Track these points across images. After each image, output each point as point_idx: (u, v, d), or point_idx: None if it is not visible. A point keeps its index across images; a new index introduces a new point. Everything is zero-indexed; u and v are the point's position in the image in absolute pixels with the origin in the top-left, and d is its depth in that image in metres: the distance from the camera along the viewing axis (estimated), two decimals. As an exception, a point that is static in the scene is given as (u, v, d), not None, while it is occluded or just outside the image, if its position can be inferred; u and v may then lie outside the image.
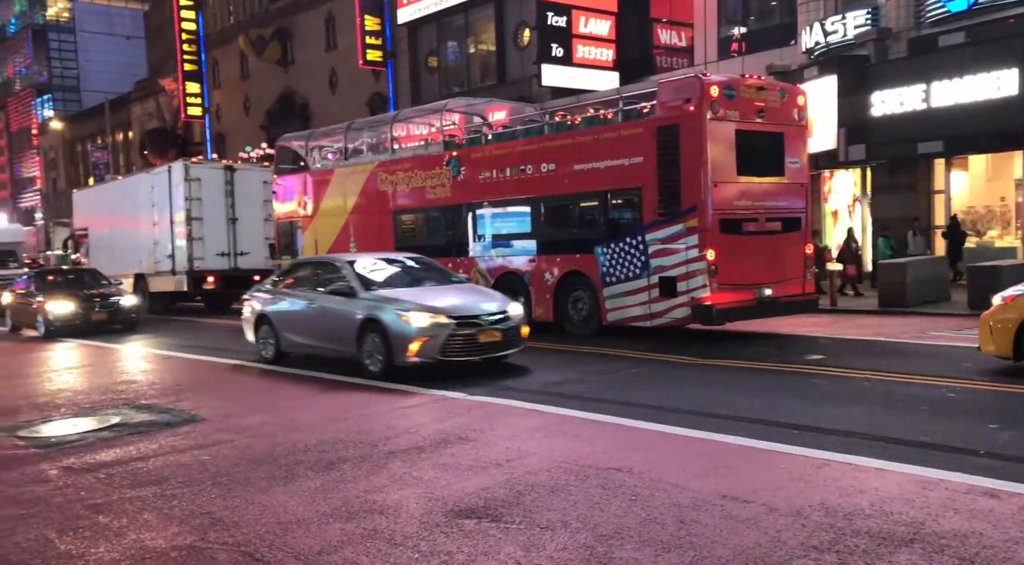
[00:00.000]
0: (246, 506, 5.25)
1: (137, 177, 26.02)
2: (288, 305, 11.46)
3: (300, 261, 12.65)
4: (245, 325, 12.32)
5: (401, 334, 9.48)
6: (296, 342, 11.28)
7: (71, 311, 17.43)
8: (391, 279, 10.95)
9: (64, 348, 15.56)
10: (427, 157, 16.09)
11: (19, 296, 19.14)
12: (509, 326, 9.96)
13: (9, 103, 66.50)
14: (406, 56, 31.09)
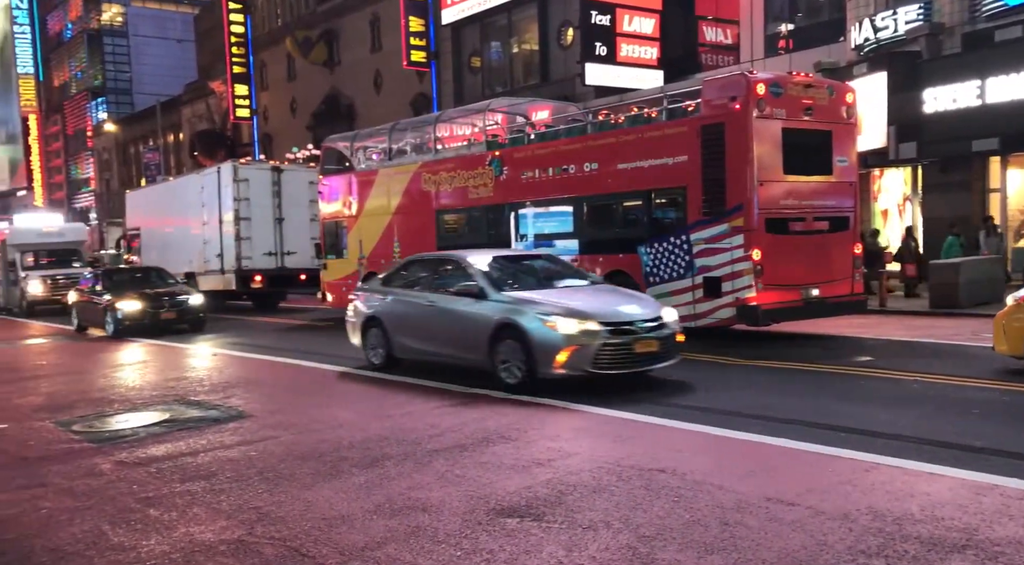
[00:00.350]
0: (292, 501, 5.33)
1: (187, 178, 26.57)
2: (403, 306, 10.39)
3: (414, 258, 11.56)
4: (350, 328, 11.32)
5: (546, 342, 8.38)
6: (412, 347, 10.26)
7: (140, 310, 17.11)
8: (522, 278, 9.98)
9: (134, 348, 15.41)
10: (470, 157, 16.15)
11: (86, 295, 18.83)
12: (665, 334, 8.73)
13: (65, 106, 68.38)
14: (449, 57, 31.25)
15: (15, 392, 10.80)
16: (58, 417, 8.73)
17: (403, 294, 10.53)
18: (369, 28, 35.57)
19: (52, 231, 28.33)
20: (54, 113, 70.59)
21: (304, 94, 40.00)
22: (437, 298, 9.91)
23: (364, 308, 11.04)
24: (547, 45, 27.66)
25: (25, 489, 6.03)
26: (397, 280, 10.94)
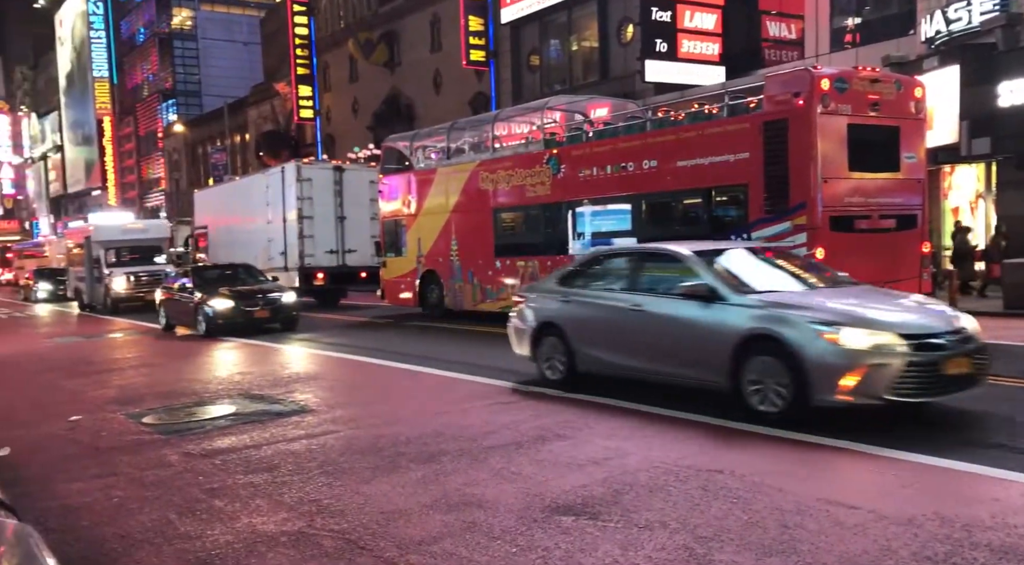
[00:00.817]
0: (351, 495, 5.42)
1: (253, 177, 27.21)
2: (592, 311, 8.56)
3: (605, 251, 9.63)
4: (515, 336, 9.51)
5: (825, 360, 6.51)
6: (605, 361, 8.39)
7: (232, 308, 16.36)
8: (763, 277, 8.03)
9: (228, 348, 14.72)
10: (527, 155, 16.17)
11: (174, 292, 18.27)
12: (974, 348, 6.82)
13: (138, 108, 70.62)
14: (508, 55, 31.32)
15: (90, 385, 11.22)
16: (129, 409, 9.03)
17: (592, 295, 8.68)
18: (429, 28, 35.87)
19: (136, 228, 28.21)
20: (127, 115, 72.99)
21: (365, 95, 40.56)
22: (645, 301, 8.07)
23: (536, 312, 9.23)
24: (607, 42, 27.50)
25: (98, 478, 6.26)
26: (581, 278, 9.12)
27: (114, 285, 25.13)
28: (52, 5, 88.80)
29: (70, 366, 13.54)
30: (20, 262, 55.05)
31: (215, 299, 16.48)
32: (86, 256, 26.96)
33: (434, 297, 18.41)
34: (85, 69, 76.99)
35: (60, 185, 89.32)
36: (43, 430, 8.30)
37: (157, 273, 24.56)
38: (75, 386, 11.23)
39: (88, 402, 9.79)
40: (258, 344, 14.96)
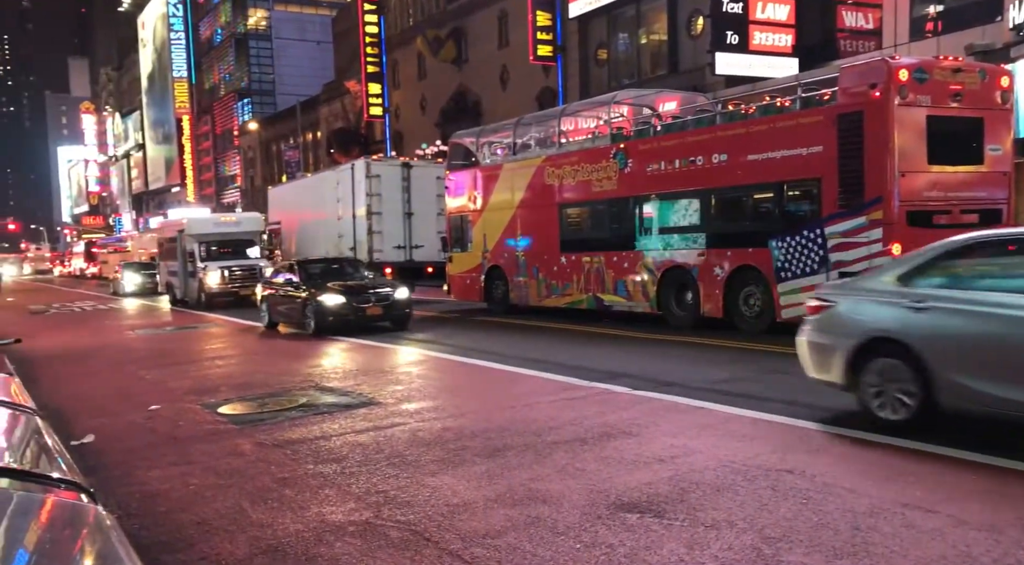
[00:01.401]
0: (416, 487, 5.49)
1: (324, 174, 27.75)
2: (975, 322, 5.84)
3: (980, 238, 6.69)
4: (816, 354, 7.00)
5: None
6: (998, 397, 5.70)
7: (343, 304, 15.19)
8: None
9: (340, 349, 13.56)
10: (594, 150, 16.08)
11: (278, 287, 17.16)
12: None
13: (215, 107, 72.75)
14: (576, 50, 31.18)
15: (168, 376, 11.62)
16: (205, 400, 9.32)
17: (975, 300, 5.95)
18: (497, 24, 35.96)
19: (229, 221, 27.15)
20: (204, 114, 75.26)
21: (433, 92, 40.91)
22: None
23: (858, 323, 6.66)
24: (676, 35, 27.13)
25: (175, 466, 6.48)
26: (941, 274, 6.43)
27: (208, 279, 24.23)
28: (135, 8, 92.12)
29: (171, 361, 14.03)
30: (104, 256, 57.35)
31: (325, 295, 15.30)
32: (179, 250, 26.42)
33: (499, 292, 18.50)
34: (165, 70, 79.65)
35: (142, 182, 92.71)
36: (125, 419, 8.63)
37: (251, 267, 24.16)
38: (170, 376, 11.64)
39: (167, 392, 10.14)
40: (367, 343, 13.88)
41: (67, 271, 72.41)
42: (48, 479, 1.13)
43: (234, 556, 4.46)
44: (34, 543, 0.85)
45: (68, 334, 19.09)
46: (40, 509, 0.94)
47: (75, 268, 68.32)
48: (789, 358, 10.42)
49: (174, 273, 27.28)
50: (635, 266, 14.87)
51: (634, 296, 14.95)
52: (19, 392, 1.79)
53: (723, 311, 13.35)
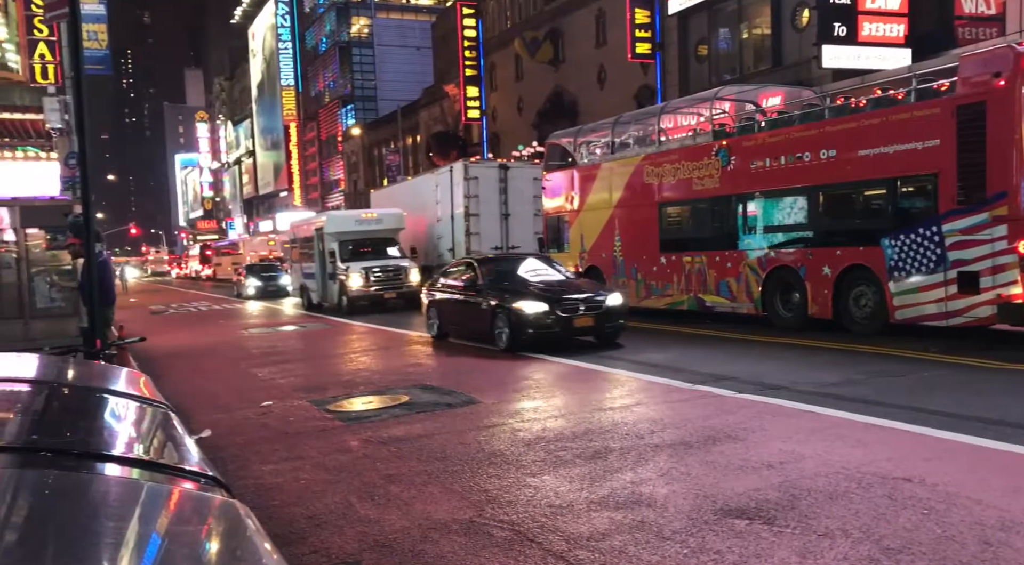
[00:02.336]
0: (518, 487, 5.50)
1: (423, 177, 28.25)
2: None
3: None
4: None
5: None
6: None
7: (544, 313, 11.98)
8: None
9: (545, 369, 12.28)
10: (695, 147, 15.80)
11: (453, 291, 14.26)
12: None
13: (320, 114, 75.14)
14: (675, 47, 30.71)
15: (278, 374, 12.05)
16: (313, 397, 9.62)
17: None
18: (594, 23, 35.81)
19: (370, 218, 24.42)
20: (310, 121, 77.84)
21: (530, 93, 41.07)
22: None
23: None
24: (780, 28, 26.37)
25: (287, 461, 6.71)
26: None
27: (350, 282, 21.99)
28: (246, 20, 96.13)
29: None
30: (218, 259, 60.07)
31: (523, 301, 12.18)
32: (316, 250, 24.46)
33: (598, 293, 18.37)
34: (274, 79, 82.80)
35: (252, 187, 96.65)
36: (240, 414, 8.99)
37: (395, 268, 22.27)
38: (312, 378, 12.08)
39: (277, 389, 10.51)
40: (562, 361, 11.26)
41: (183, 273, 76.21)
42: (187, 472, 1.17)
43: (344, 550, 4.57)
44: (179, 535, 0.89)
45: (186, 333, 20.06)
46: (183, 502, 0.98)
47: (191, 270, 71.84)
48: (902, 361, 9.96)
49: (310, 275, 25.37)
50: (738, 266, 14.52)
51: (737, 297, 14.60)
52: (149, 387, 1.88)
53: (831, 312, 12.88)
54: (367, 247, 23.27)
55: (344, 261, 22.65)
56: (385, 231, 24.04)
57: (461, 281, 14.19)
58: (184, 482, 1.09)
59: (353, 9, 68.35)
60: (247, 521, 0.96)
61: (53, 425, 1.35)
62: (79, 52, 5.96)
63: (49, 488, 0.96)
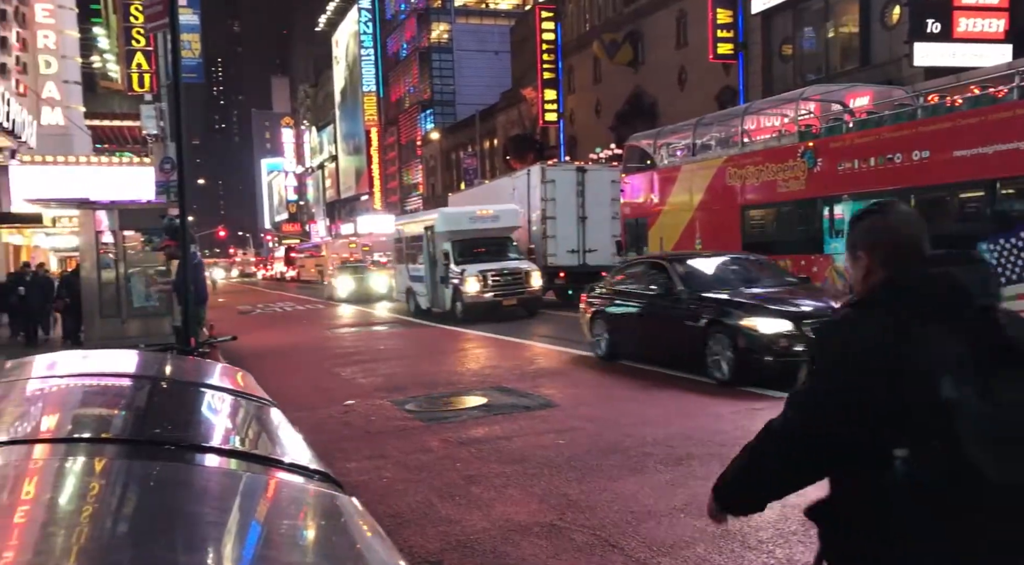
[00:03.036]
0: (599, 492, 5.46)
1: (501, 180, 28.39)
2: None
3: None
4: None
5: None
6: None
7: (785, 333, 8.92)
8: None
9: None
10: (779, 149, 15.44)
11: (634, 301, 11.41)
12: None
13: (400, 119, 76.44)
14: (758, 47, 30.10)
15: (360, 373, 12.28)
16: (394, 397, 9.77)
17: None
18: (675, 24, 35.41)
19: (486, 215, 21.76)
20: (391, 125, 79.26)
21: (608, 95, 40.87)
22: None
23: None
24: (868, 26, 25.55)
25: (369, 459, 6.82)
26: None
27: (467, 286, 19.52)
28: (330, 28, 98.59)
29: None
30: (302, 261, 61.69)
31: (754, 317, 9.19)
32: (425, 250, 22.27)
33: (678, 297, 18.10)
34: (356, 85, 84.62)
35: (335, 191, 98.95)
36: (324, 413, 9.19)
37: (514, 271, 19.93)
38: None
39: (359, 388, 10.72)
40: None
41: (269, 274, 78.50)
42: (302, 468, 1.20)
43: (426, 549, 4.62)
44: (301, 530, 0.90)
45: (271, 332, 20.64)
46: (301, 497, 1.00)
47: (276, 272, 73.95)
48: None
49: (417, 278, 23.05)
50: (824, 270, 14.12)
51: (823, 302, 14.17)
52: (253, 385, 1.93)
53: (924, 319, 12.36)
54: (482, 247, 20.83)
55: (458, 263, 20.29)
56: (501, 229, 21.65)
57: (646, 287, 11.29)
58: (299, 477, 1.11)
59: (433, 15, 69.29)
60: (368, 519, 0.97)
61: (165, 418, 1.40)
62: (177, 61, 6.21)
63: (162, 479, 0.99)
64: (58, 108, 30.07)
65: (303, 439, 1.55)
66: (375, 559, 0.86)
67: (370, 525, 0.97)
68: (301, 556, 0.86)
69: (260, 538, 0.87)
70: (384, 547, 0.91)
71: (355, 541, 0.88)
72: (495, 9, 71.55)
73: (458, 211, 23.22)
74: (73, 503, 0.91)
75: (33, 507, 0.91)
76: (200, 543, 0.80)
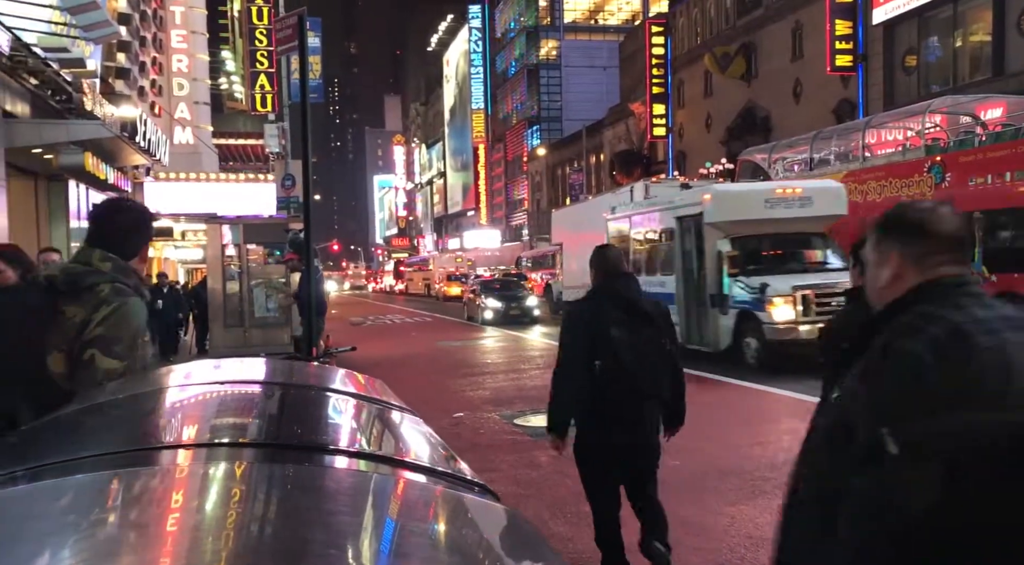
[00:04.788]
0: (714, 515, 5.33)
1: (604, 197, 28.27)
2: None
3: None
4: None
5: None
6: None
7: None
8: None
9: None
10: (904, 164, 14.78)
11: None
12: None
13: (507, 135, 77.37)
14: (879, 58, 28.95)
15: (467, 386, 12.42)
16: (501, 410, 9.82)
17: None
18: (790, 36, 34.52)
19: (791, 195, 13.87)
20: (497, 142, 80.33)
21: (719, 109, 40.17)
22: None
23: None
24: (1002, 34, 24.18)
25: (480, 473, 6.83)
26: None
27: (777, 313, 12.15)
28: (441, 48, 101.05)
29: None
30: (410, 274, 63.13)
31: None
32: (675, 253, 15.12)
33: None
34: (465, 102, 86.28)
35: (442, 207, 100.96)
36: (434, 424, 9.31)
37: (830, 287, 11.86)
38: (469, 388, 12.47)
39: (467, 401, 10.83)
40: None
41: (379, 287, 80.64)
42: (459, 479, 1.21)
43: (539, 565, 4.60)
44: (476, 541, 0.91)
45: (383, 343, 21.16)
46: (460, 505, 1.00)
47: (385, 285, 75.91)
48: None
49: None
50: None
51: (951, 325, 13.39)
52: (391, 393, 1.97)
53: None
54: (782, 248, 13.94)
55: (749, 274, 12.98)
56: (814, 220, 13.81)
57: None
58: (461, 488, 1.12)
59: (542, 32, 69.96)
60: (537, 532, 0.97)
61: (323, 424, 1.45)
62: (305, 83, 6.48)
63: (323, 484, 1.02)
64: (188, 128, 31.91)
65: (447, 447, 1.58)
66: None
67: (535, 533, 0.97)
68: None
69: (445, 550, 0.88)
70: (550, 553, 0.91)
71: (537, 558, 0.87)
72: (604, 25, 71.61)
73: (744, 189, 16.14)
74: (259, 507, 0.94)
75: (214, 509, 0.94)
76: (386, 553, 0.82)
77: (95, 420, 1.58)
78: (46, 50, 18.80)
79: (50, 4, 17.79)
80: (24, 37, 17.38)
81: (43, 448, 1.39)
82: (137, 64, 28.07)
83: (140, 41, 28.46)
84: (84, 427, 1.53)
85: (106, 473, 1.08)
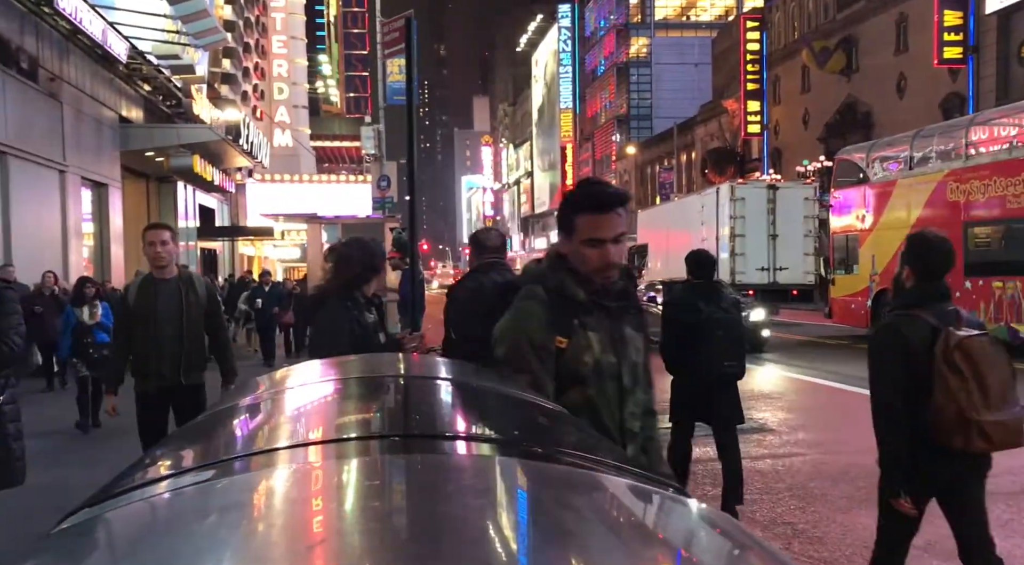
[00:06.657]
0: (827, 523, 5.20)
1: (690, 198, 27.93)
2: None
3: None
4: None
5: None
6: None
7: None
8: None
9: None
10: (1012, 161, 14.05)
11: None
12: None
13: (595, 134, 77.03)
14: (992, 49, 27.59)
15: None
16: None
17: None
18: (894, 29, 33.26)
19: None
20: (586, 141, 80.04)
21: (817, 105, 39.04)
22: None
23: None
24: None
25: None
26: None
27: None
28: (530, 48, 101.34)
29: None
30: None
31: None
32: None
33: (893, 319, 16.80)
34: (554, 102, 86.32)
35: (529, 207, 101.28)
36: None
37: None
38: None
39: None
40: None
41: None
42: (643, 474, 1.23)
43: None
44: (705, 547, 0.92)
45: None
46: (676, 509, 1.02)
47: (471, 284, 76.53)
48: None
49: None
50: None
51: (1069, 329, 12.66)
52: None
53: None
54: None
55: None
56: None
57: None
58: (650, 484, 1.13)
59: (633, 30, 69.31)
60: (746, 532, 0.97)
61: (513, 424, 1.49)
62: (412, 84, 6.63)
63: (518, 478, 1.05)
64: (288, 130, 33.00)
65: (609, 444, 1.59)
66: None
67: (750, 533, 0.98)
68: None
69: (658, 550, 0.89)
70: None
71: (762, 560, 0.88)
72: (696, 21, 70.46)
73: None
74: (477, 499, 0.98)
75: (376, 503, 0.97)
76: (597, 549, 0.84)
77: (269, 414, 1.67)
78: (159, 57, 19.78)
79: (164, 13, 18.71)
80: (139, 46, 18.34)
81: (228, 442, 1.48)
82: (241, 69, 29.19)
83: (244, 47, 29.59)
84: (263, 421, 1.62)
85: (300, 464, 1.14)
